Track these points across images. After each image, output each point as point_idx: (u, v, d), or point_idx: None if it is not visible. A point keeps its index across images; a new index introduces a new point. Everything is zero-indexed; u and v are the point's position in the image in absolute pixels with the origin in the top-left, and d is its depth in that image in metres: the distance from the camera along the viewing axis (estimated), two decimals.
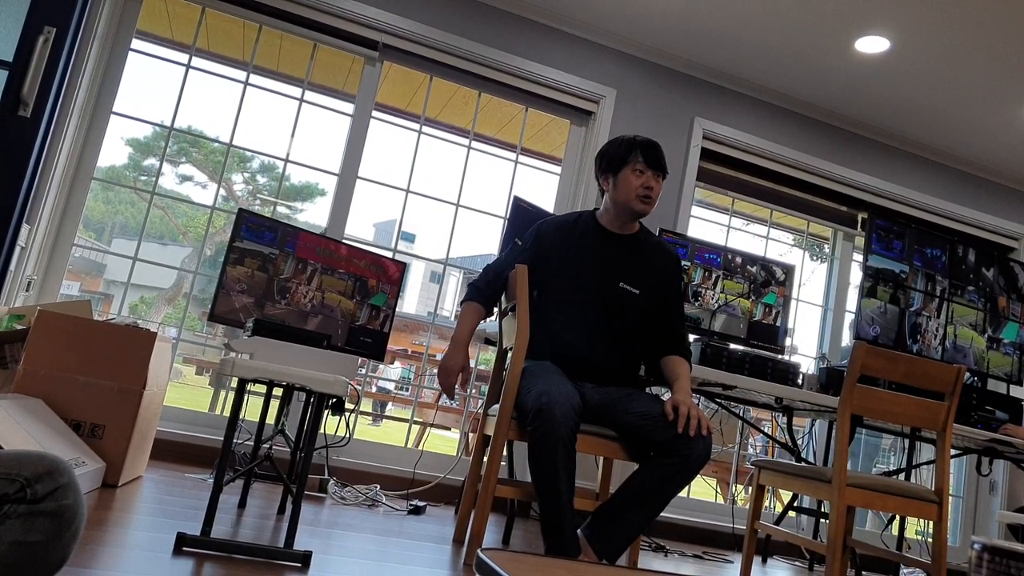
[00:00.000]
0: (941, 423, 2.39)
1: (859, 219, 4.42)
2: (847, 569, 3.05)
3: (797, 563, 3.68)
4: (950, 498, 4.07)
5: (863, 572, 3.58)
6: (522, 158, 3.95)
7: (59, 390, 2.32)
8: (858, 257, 4.42)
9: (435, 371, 2.51)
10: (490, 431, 2.37)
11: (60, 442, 2.13)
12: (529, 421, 2.08)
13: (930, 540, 3.63)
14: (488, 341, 3.28)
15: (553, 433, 2.02)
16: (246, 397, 1.90)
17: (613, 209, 2.45)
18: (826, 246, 4.63)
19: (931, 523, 2.43)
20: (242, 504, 2.43)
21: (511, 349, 2.30)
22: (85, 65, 3.17)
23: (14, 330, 2.59)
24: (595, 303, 2.39)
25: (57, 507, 0.78)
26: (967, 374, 3.47)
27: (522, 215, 3.08)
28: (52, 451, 1.98)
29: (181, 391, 9.17)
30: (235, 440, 2.36)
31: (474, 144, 3.87)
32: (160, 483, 2.58)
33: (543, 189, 4.01)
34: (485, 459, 2.31)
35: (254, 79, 3.57)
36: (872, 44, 3.55)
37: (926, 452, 4.14)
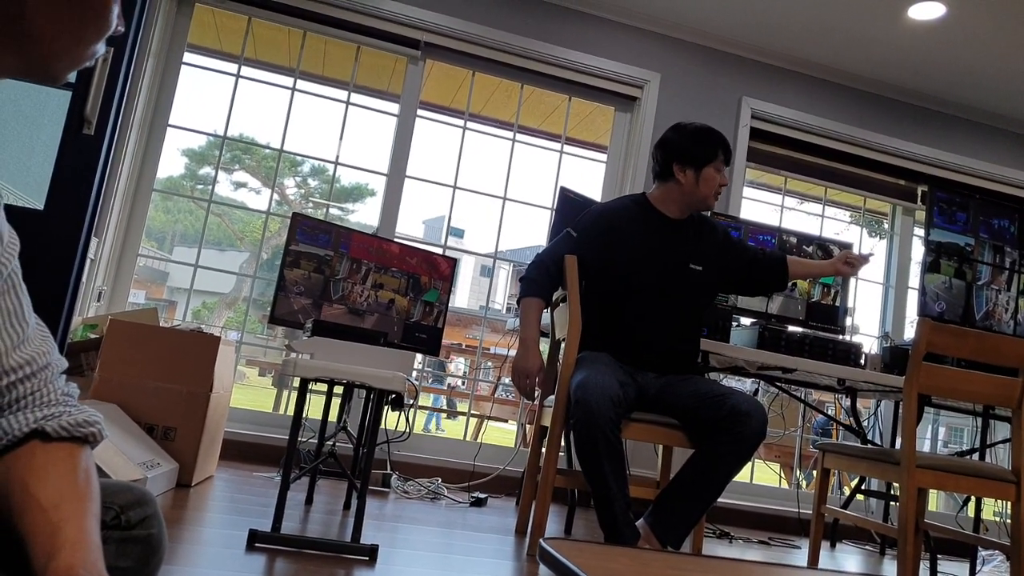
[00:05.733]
0: (1016, 400, 2.31)
1: (919, 192, 4.28)
2: (921, 552, 2.97)
3: (868, 547, 3.60)
4: None
5: (938, 555, 3.49)
6: (567, 148, 3.93)
7: (132, 395, 2.42)
8: (919, 232, 4.28)
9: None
10: (547, 422, 2.38)
11: (137, 445, 2.22)
12: (570, 414, 2.09)
13: (1009, 521, 3.50)
14: (542, 332, 3.28)
15: (592, 424, 2.02)
16: (308, 396, 1.95)
17: (681, 200, 2.43)
18: (885, 222, 4.50)
19: (1009, 504, 2.35)
20: (309, 500, 2.49)
21: (564, 340, 2.31)
22: (141, 81, 3.28)
23: (89, 339, 2.71)
24: (665, 289, 2.38)
25: (147, 535, 0.82)
26: None
27: (569, 205, 3.08)
28: (130, 454, 2.07)
29: (245, 392, 9.43)
30: (299, 438, 2.41)
31: (518, 136, 3.87)
32: (230, 482, 2.67)
33: (589, 178, 3.99)
34: (543, 450, 2.32)
35: (301, 84, 3.64)
36: (926, 10, 3.43)
37: (1001, 431, 3.99)
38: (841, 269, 2.60)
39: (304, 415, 1.93)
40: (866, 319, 4.53)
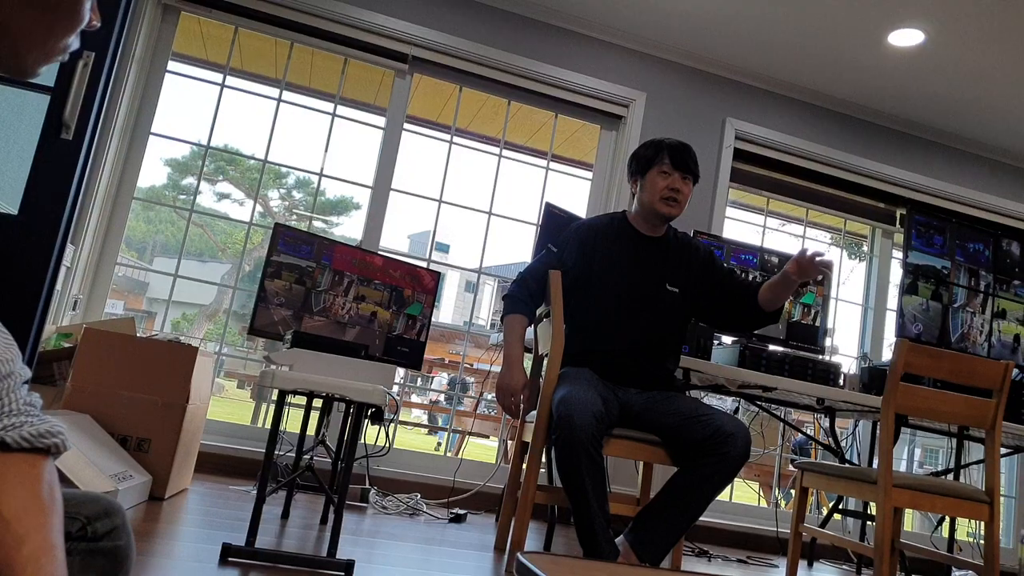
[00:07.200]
0: (989, 421, 2.33)
1: (898, 215, 4.34)
2: (896, 572, 2.98)
3: (844, 566, 3.60)
4: (1001, 498, 3.96)
5: (913, 575, 3.50)
6: (553, 164, 3.95)
7: (106, 406, 2.38)
8: (898, 254, 4.34)
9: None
10: (528, 438, 2.37)
11: (108, 456, 2.18)
12: (552, 430, 2.08)
13: (982, 541, 3.53)
14: (526, 348, 3.28)
15: (574, 441, 2.01)
16: (287, 409, 1.93)
17: (641, 211, 2.45)
18: (864, 244, 4.55)
19: (982, 524, 2.37)
20: (285, 515, 2.46)
21: (547, 355, 2.30)
22: (124, 87, 3.25)
23: (62, 348, 2.67)
24: (638, 306, 2.38)
25: (113, 547, 0.80)
26: (1016, 371, 3.37)
27: (554, 221, 3.08)
28: (101, 465, 2.03)
29: (223, 405, 9.33)
30: (277, 452, 2.37)
31: (505, 152, 3.88)
32: (205, 495, 2.63)
33: (574, 195, 4.01)
34: (524, 466, 2.31)
35: (287, 96, 3.63)
36: (906, 37, 3.49)
37: (975, 452, 4.03)
38: (795, 272, 2.31)
39: (282, 428, 1.91)
40: (845, 340, 4.57)
